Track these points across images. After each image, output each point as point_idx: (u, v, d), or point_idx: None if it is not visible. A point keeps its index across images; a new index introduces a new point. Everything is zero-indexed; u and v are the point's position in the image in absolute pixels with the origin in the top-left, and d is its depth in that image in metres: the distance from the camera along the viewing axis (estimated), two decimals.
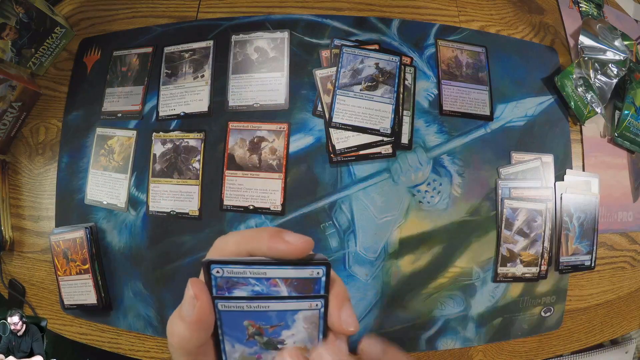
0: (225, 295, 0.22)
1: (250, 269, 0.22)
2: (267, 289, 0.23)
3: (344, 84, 0.52)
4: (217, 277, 0.22)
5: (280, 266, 0.22)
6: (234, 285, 0.22)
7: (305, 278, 0.23)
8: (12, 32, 0.54)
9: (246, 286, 0.22)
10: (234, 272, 0.22)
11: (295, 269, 0.22)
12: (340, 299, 0.24)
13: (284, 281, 0.23)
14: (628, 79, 0.57)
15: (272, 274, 0.22)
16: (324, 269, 0.23)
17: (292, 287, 0.23)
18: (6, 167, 0.59)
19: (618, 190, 0.58)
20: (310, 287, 0.23)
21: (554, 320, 0.54)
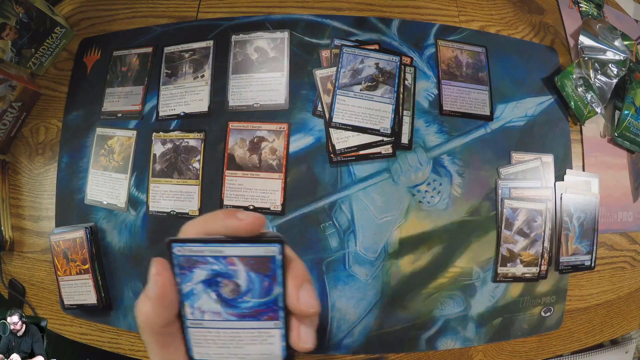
0: (186, 273, 0.23)
1: (208, 247, 0.23)
2: (225, 267, 0.23)
3: (344, 84, 0.52)
4: (179, 256, 0.23)
5: (235, 244, 0.23)
6: (194, 265, 0.23)
7: (261, 256, 0.23)
8: (12, 32, 0.54)
9: (205, 265, 0.23)
10: (193, 250, 0.23)
11: (249, 246, 0.23)
12: (299, 279, 0.24)
13: (241, 259, 0.23)
14: (628, 79, 0.57)
15: (229, 252, 0.23)
16: (279, 247, 0.23)
17: (249, 266, 0.23)
18: (6, 167, 0.59)
19: (618, 190, 0.58)
20: (267, 266, 0.23)
21: (554, 320, 0.54)
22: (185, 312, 0.24)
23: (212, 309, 0.24)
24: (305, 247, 0.50)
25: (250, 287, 0.23)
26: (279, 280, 0.23)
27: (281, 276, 0.23)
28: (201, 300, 0.24)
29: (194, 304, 0.24)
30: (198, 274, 0.23)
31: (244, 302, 0.24)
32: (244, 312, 0.24)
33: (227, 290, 0.23)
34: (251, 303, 0.24)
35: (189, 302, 0.24)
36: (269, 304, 0.24)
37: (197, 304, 0.24)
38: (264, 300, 0.24)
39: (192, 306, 0.24)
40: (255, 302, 0.24)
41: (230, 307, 0.24)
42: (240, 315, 0.24)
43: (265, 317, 0.24)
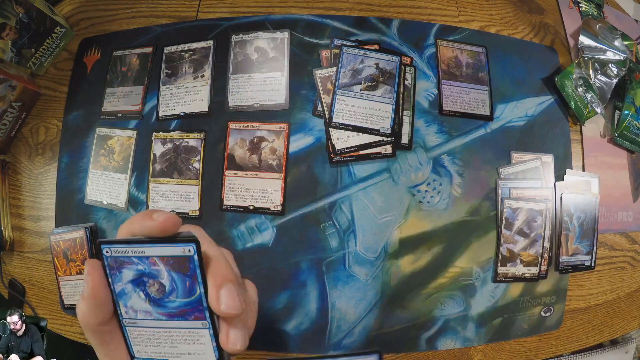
0: (116, 274, 0.24)
1: (130, 247, 0.24)
2: (148, 267, 0.24)
3: (344, 84, 0.52)
4: (108, 257, 0.24)
5: (153, 244, 0.24)
6: (122, 265, 0.24)
7: (178, 256, 0.24)
8: (12, 32, 0.54)
9: (131, 265, 0.24)
10: (119, 251, 0.24)
11: (165, 246, 0.24)
12: (219, 278, 0.24)
13: (161, 259, 0.24)
14: (628, 79, 0.57)
15: (149, 252, 0.24)
16: (193, 246, 0.23)
17: (170, 266, 0.24)
18: (6, 167, 0.59)
19: (618, 190, 0.58)
20: (186, 266, 0.24)
21: (554, 320, 0.54)
22: (121, 311, 0.25)
23: (142, 308, 0.25)
24: (305, 247, 0.50)
25: (173, 287, 0.24)
26: (199, 280, 0.24)
27: (201, 276, 0.24)
28: (132, 299, 0.25)
29: (127, 303, 0.25)
30: (126, 274, 0.24)
31: (170, 301, 0.24)
32: (172, 312, 0.25)
33: (154, 290, 0.24)
34: (177, 302, 0.24)
35: (122, 301, 0.25)
36: (194, 303, 0.24)
37: (129, 303, 0.25)
38: (188, 300, 0.24)
39: (126, 305, 0.25)
40: (180, 301, 0.24)
41: (158, 306, 0.25)
42: (169, 315, 0.25)
43: (192, 317, 0.25)
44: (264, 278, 0.50)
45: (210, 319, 0.25)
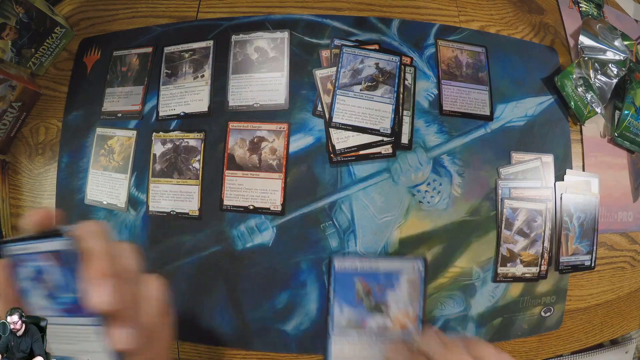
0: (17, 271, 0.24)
1: (15, 245, 0.24)
2: (39, 264, 0.24)
3: (344, 84, 0.52)
4: (7, 256, 0.24)
5: (29, 241, 0.24)
6: (19, 263, 0.24)
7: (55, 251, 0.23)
8: (12, 32, 0.54)
9: (25, 263, 0.24)
10: (10, 249, 0.24)
11: (39, 242, 0.23)
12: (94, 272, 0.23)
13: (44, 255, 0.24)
14: (628, 79, 0.57)
15: (31, 249, 0.24)
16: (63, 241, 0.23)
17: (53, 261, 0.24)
18: (6, 167, 0.59)
19: (618, 190, 0.58)
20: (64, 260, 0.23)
21: (554, 320, 0.54)
22: (29, 308, 0.25)
23: (43, 304, 0.25)
24: (305, 247, 0.50)
25: (62, 282, 0.24)
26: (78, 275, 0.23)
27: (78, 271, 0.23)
28: (32, 297, 0.25)
29: (29, 300, 0.25)
30: (24, 272, 0.24)
31: (63, 297, 0.24)
32: (67, 307, 0.24)
33: (48, 286, 0.24)
34: (69, 298, 0.24)
35: (25, 299, 0.25)
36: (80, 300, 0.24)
37: (32, 300, 0.25)
38: (75, 295, 0.24)
39: (29, 303, 0.25)
40: (70, 297, 0.24)
41: (55, 303, 0.24)
42: (65, 311, 0.24)
43: (85, 313, 0.24)
44: (264, 278, 0.50)
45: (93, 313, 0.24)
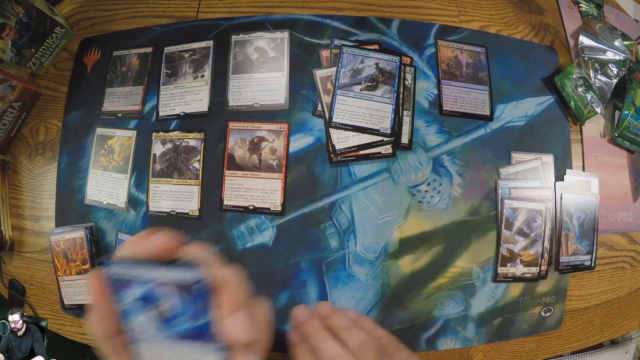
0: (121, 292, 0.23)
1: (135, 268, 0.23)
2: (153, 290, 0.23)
3: (344, 84, 0.52)
4: (111, 276, 0.23)
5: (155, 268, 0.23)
6: (127, 285, 0.23)
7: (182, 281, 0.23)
8: (12, 32, 0.54)
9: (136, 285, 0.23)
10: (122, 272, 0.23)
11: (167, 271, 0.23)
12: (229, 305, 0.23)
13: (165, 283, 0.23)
14: (628, 79, 0.57)
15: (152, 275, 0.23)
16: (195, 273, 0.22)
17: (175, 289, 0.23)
18: (6, 167, 0.59)
19: (618, 190, 0.58)
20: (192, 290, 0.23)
21: (554, 320, 0.54)
22: (127, 329, 0.24)
23: (149, 328, 0.24)
24: (305, 247, 0.50)
25: (181, 311, 0.23)
26: (208, 306, 0.23)
27: (209, 302, 0.23)
28: (139, 318, 0.23)
29: (131, 322, 0.24)
30: (131, 294, 0.23)
31: (178, 324, 0.23)
32: (182, 334, 0.23)
33: (160, 312, 0.23)
34: (186, 326, 0.23)
35: (126, 320, 0.24)
36: (204, 328, 0.23)
37: (136, 322, 0.24)
38: (198, 324, 0.23)
39: (130, 324, 0.24)
40: (189, 325, 0.23)
41: (166, 328, 0.23)
42: (178, 336, 0.24)
43: (205, 339, 0.23)
44: (264, 278, 0.50)
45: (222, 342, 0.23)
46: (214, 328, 0.23)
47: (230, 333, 0.23)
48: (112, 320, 0.24)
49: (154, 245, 0.23)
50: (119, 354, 0.25)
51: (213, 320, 0.23)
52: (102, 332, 0.24)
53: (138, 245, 0.24)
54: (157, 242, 0.23)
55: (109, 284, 0.23)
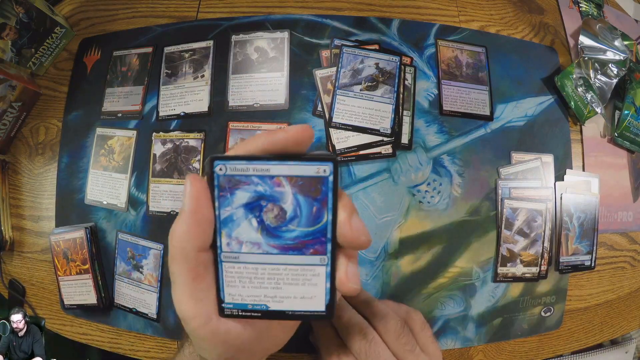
0: (227, 196, 0.21)
1: (254, 164, 0.21)
2: (270, 189, 0.21)
3: (344, 84, 0.52)
4: (220, 176, 0.21)
5: (283, 161, 0.20)
6: (237, 185, 0.21)
7: (311, 176, 0.20)
8: (12, 32, 0.54)
9: (248, 186, 0.21)
10: (236, 168, 0.21)
11: (298, 164, 0.20)
12: (349, 207, 0.22)
13: (289, 180, 0.21)
14: (628, 79, 0.57)
15: (276, 171, 0.21)
16: (330, 166, 0.20)
17: (297, 188, 0.21)
18: (6, 167, 0.59)
19: (618, 190, 0.58)
20: (317, 188, 0.21)
21: (554, 320, 0.54)
22: (221, 243, 0.21)
23: (251, 238, 0.21)
24: None
25: (296, 213, 0.21)
26: (330, 206, 0.21)
27: (332, 201, 0.21)
28: (240, 227, 0.21)
29: (232, 232, 0.21)
30: (239, 197, 0.21)
31: (288, 230, 0.21)
32: (287, 244, 0.21)
33: (271, 216, 0.21)
34: (296, 232, 0.21)
35: (226, 230, 0.21)
36: (316, 234, 0.21)
37: (235, 233, 0.21)
38: (311, 229, 0.21)
39: (230, 235, 0.21)
40: (301, 231, 0.21)
41: (272, 237, 0.21)
42: (282, 248, 0.21)
43: (310, 251, 0.21)
44: None
45: (331, 253, 0.21)
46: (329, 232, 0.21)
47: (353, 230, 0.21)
48: (206, 230, 0.21)
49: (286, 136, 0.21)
50: (200, 278, 0.22)
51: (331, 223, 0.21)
52: (194, 244, 0.21)
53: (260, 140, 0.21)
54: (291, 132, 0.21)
55: (214, 186, 0.21)
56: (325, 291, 0.22)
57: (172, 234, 0.22)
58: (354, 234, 0.21)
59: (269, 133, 0.21)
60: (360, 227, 0.22)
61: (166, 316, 0.52)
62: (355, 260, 0.23)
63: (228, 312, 0.22)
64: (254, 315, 0.22)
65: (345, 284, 0.22)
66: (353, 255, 0.23)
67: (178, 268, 0.22)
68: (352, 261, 0.22)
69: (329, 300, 0.22)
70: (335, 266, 0.22)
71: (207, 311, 0.22)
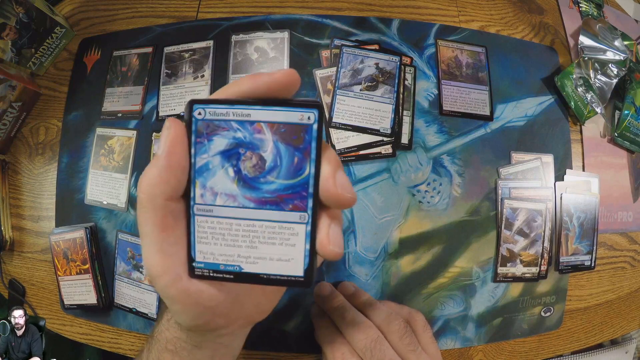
0: (204, 142, 0.19)
1: (234, 109, 0.19)
2: (250, 135, 0.19)
3: (344, 84, 0.52)
4: (198, 120, 0.19)
5: (266, 106, 0.19)
6: (215, 131, 0.19)
7: (294, 123, 0.19)
8: (12, 32, 0.54)
9: (227, 131, 0.19)
10: (216, 112, 0.19)
11: (281, 110, 0.19)
12: (333, 162, 0.20)
13: (269, 126, 0.19)
14: (628, 79, 0.57)
15: (257, 116, 0.19)
16: (315, 113, 0.19)
17: (279, 135, 0.19)
18: (6, 167, 0.59)
19: (618, 190, 0.58)
20: (300, 137, 0.19)
21: (554, 320, 0.54)
22: (194, 194, 0.20)
23: (227, 189, 0.20)
24: None
25: (276, 163, 0.19)
26: (313, 157, 0.19)
27: (315, 152, 0.19)
28: (215, 177, 0.20)
29: (207, 182, 0.20)
30: (217, 143, 0.19)
31: (266, 182, 0.20)
32: (265, 197, 0.20)
33: (249, 165, 0.20)
34: (275, 185, 0.20)
35: (200, 179, 0.20)
36: (297, 187, 0.20)
37: (210, 183, 0.20)
38: (291, 182, 0.20)
39: (204, 185, 0.20)
40: (280, 183, 0.20)
41: (249, 188, 0.20)
42: (259, 201, 0.20)
43: (289, 206, 0.20)
44: None
45: (312, 210, 0.20)
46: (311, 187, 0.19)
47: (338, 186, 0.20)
48: (178, 176, 0.20)
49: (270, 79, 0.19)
50: (170, 228, 0.20)
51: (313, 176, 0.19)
52: (163, 190, 0.20)
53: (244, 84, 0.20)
54: (276, 75, 0.19)
55: (191, 131, 0.19)
56: (304, 253, 0.20)
57: (141, 179, 0.20)
58: (337, 190, 0.20)
59: (252, 76, 0.20)
60: (345, 183, 0.20)
61: None
62: (338, 222, 0.21)
63: (199, 272, 0.21)
64: (225, 277, 0.21)
65: (326, 246, 0.20)
66: (336, 216, 0.21)
67: (145, 217, 0.20)
68: (335, 222, 0.21)
69: (307, 264, 0.20)
70: (316, 226, 0.20)
71: (176, 268, 0.20)
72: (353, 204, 0.20)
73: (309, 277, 0.21)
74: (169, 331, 0.26)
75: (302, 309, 0.50)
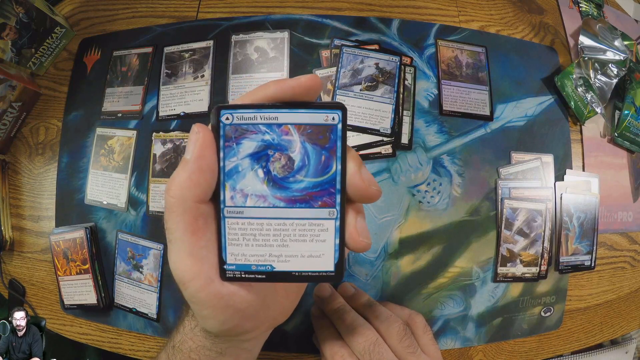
0: (232, 146, 0.20)
1: (261, 112, 0.20)
2: (278, 137, 0.20)
3: (344, 84, 0.52)
4: (226, 125, 0.20)
5: (291, 109, 0.20)
6: (243, 135, 0.20)
7: (320, 124, 0.20)
8: (12, 32, 0.54)
9: (256, 134, 0.20)
10: (244, 117, 0.20)
11: (306, 112, 0.20)
12: (357, 158, 0.21)
13: (297, 128, 0.20)
14: (628, 79, 0.57)
15: (284, 119, 0.20)
16: (339, 114, 0.20)
17: (306, 136, 0.20)
18: (6, 167, 0.59)
19: (618, 190, 0.58)
20: (326, 137, 0.20)
21: (554, 320, 0.54)
22: (224, 197, 0.20)
23: (257, 190, 0.20)
24: None
25: (304, 162, 0.20)
26: (339, 155, 0.20)
27: (341, 149, 0.20)
28: (245, 179, 0.20)
29: (237, 184, 0.20)
30: (246, 146, 0.20)
31: (296, 181, 0.20)
32: (295, 196, 0.20)
33: (278, 166, 0.20)
34: (304, 183, 0.20)
35: (230, 182, 0.20)
36: (325, 184, 0.20)
37: (240, 185, 0.20)
38: (320, 179, 0.20)
39: (234, 188, 0.20)
40: (309, 181, 0.20)
41: (279, 188, 0.20)
42: (289, 200, 0.20)
43: (319, 203, 0.20)
44: None
45: (340, 206, 0.21)
46: (339, 183, 0.20)
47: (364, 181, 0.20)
48: (208, 179, 0.20)
49: (295, 84, 0.20)
50: (200, 232, 0.20)
51: (340, 173, 0.20)
52: (194, 193, 0.20)
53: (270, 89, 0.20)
54: (302, 79, 0.20)
55: (219, 136, 0.20)
56: (334, 248, 0.21)
57: (170, 183, 0.20)
58: (364, 184, 0.21)
59: (278, 81, 0.21)
60: (371, 177, 0.21)
61: (166, 316, 0.52)
62: (363, 215, 0.22)
63: (230, 274, 0.21)
64: (257, 278, 0.21)
65: (356, 239, 0.21)
66: (361, 210, 0.22)
67: (176, 221, 0.20)
68: (360, 215, 0.22)
69: (337, 259, 0.21)
70: (344, 221, 0.21)
71: (207, 271, 0.21)
72: (379, 196, 0.21)
73: (340, 271, 0.21)
74: (192, 340, 0.26)
75: (302, 309, 0.50)
